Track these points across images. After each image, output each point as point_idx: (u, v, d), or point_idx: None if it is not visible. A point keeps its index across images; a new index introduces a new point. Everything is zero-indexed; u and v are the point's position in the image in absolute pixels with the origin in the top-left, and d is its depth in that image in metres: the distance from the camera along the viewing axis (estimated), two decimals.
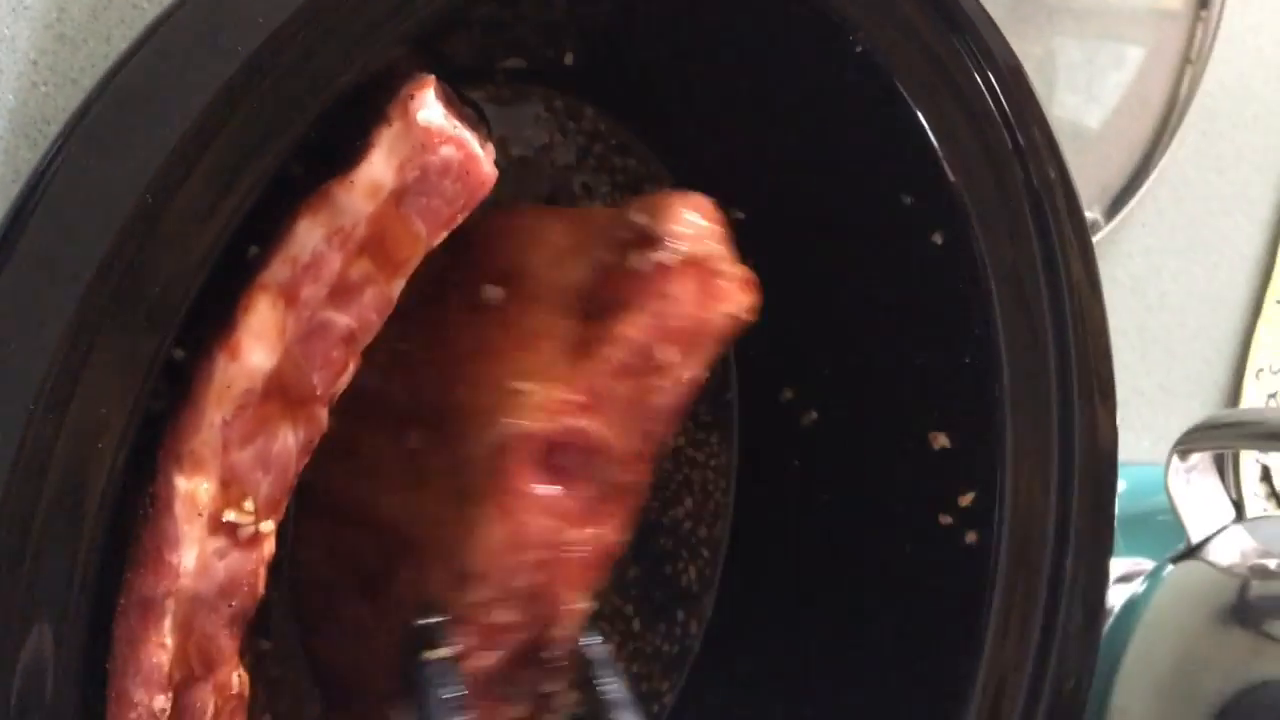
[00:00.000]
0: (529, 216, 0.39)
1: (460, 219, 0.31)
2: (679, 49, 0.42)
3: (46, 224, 0.28)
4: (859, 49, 0.37)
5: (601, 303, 0.35)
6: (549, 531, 0.35)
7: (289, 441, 0.30)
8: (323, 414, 0.31)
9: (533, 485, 0.34)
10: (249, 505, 0.30)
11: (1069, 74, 0.77)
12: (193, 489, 0.29)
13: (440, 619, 0.35)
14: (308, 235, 0.30)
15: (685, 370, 0.36)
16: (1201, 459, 0.62)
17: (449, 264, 0.36)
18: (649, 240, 0.35)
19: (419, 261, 0.31)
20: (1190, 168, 0.79)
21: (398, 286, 0.31)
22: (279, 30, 0.29)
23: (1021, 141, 0.40)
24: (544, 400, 0.34)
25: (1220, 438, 0.61)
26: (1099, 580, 0.44)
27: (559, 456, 0.35)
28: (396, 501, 0.37)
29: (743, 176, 0.46)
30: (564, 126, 0.45)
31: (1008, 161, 0.40)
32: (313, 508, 0.38)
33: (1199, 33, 0.81)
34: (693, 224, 0.35)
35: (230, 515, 0.30)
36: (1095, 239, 0.74)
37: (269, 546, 0.31)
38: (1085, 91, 0.78)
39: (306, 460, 0.31)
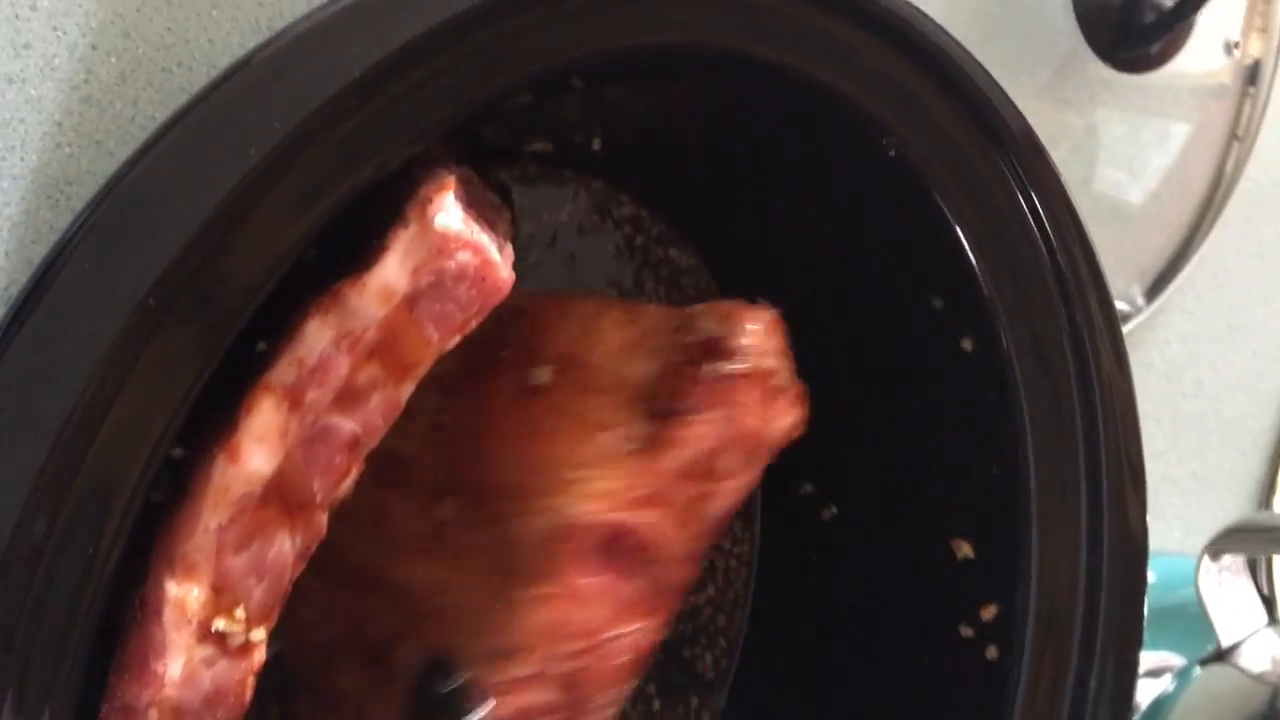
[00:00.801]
0: (582, 304, 0.39)
1: (474, 324, 0.31)
2: (708, 140, 0.41)
3: (51, 315, 0.28)
4: (891, 152, 0.36)
5: (666, 403, 0.36)
6: (597, 621, 0.35)
7: (285, 548, 0.30)
8: (322, 520, 0.30)
9: (589, 574, 0.35)
10: (240, 614, 0.29)
11: (1111, 150, 0.75)
12: (183, 595, 0.28)
13: (459, 684, 0.35)
14: (316, 337, 0.29)
15: (741, 479, 0.37)
16: (1233, 561, 0.60)
17: (496, 340, 0.37)
18: (719, 349, 0.36)
19: (429, 366, 0.31)
20: (1232, 252, 0.77)
21: (406, 391, 0.31)
22: (298, 128, 0.28)
23: (1056, 247, 0.39)
24: (607, 489, 0.35)
25: (1252, 542, 0.59)
26: (1127, 681, 0.42)
27: (616, 548, 0.35)
28: (419, 570, 0.37)
29: (769, 267, 0.45)
30: (593, 209, 0.44)
31: (1040, 267, 0.39)
32: (319, 567, 0.38)
33: (1246, 109, 0.80)
34: (761, 337, 0.36)
35: (220, 624, 0.29)
36: (1133, 324, 0.73)
37: (259, 656, 0.30)
38: (1127, 168, 0.77)
39: (303, 568, 0.30)
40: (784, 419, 0.37)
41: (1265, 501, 0.78)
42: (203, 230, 0.28)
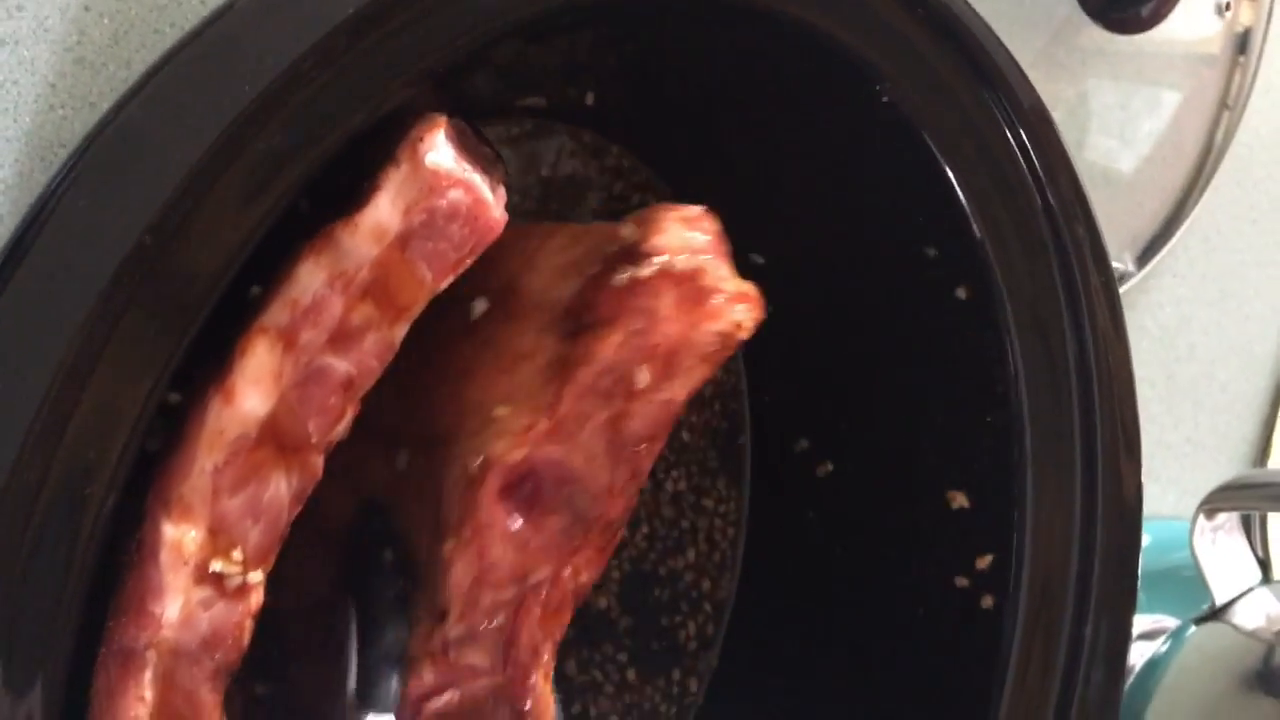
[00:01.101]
0: (530, 231, 0.37)
1: (467, 264, 0.31)
2: (701, 92, 0.41)
3: (46, 257, 0.28)
4: (885, 99, 0.36)
5: (581, 321, 0.33)
6: (517, 567, 0.33)
7: (281, 490, 0.29)
8: (318, 462, 0.30)
9: (500, 517, 0.33)
10: (237, 555, 0.29)
11: (1102, 117, 0.76)
12: (179, 536, 0.28)
13: None
14: (310, 278, 0.29)
15: (665, 393, 0.33)
16: (1228, 519, 0.60)
17: None
18: (633, 254, 0.33)
19: (423, 306, 0.31)
20: (1223, 217, 0.77)
21: (400, 331, 0.30)
22: (289, 69, 0.28)
23: (1051, 198, 0.39)
24: (516, 426, 0.33)
25: (1247, 499, 0.59)
26: (1121, 641, 0.42)
27: (529, 487, 0.33)
28: (395, 520, 0.37)
29: (762, 220, 0.45)
30: (584, 161, 0.44)
31: (1035, 217, 0.39)
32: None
33: (1236, 78, 0.80)
34: (678, 236, 0.33)
35: (217, 565, 0.29)
36: (1125, 287, 0.73)
37: (256, 598, 0.30)
38: (1119, 135, 0.77)
39: (299, 509, 0.30)
40: (714, 323, 0.33)
41: (1259, 464, 0.78)
42: (196, 171, 0.28)
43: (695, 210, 0.34)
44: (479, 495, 0.33)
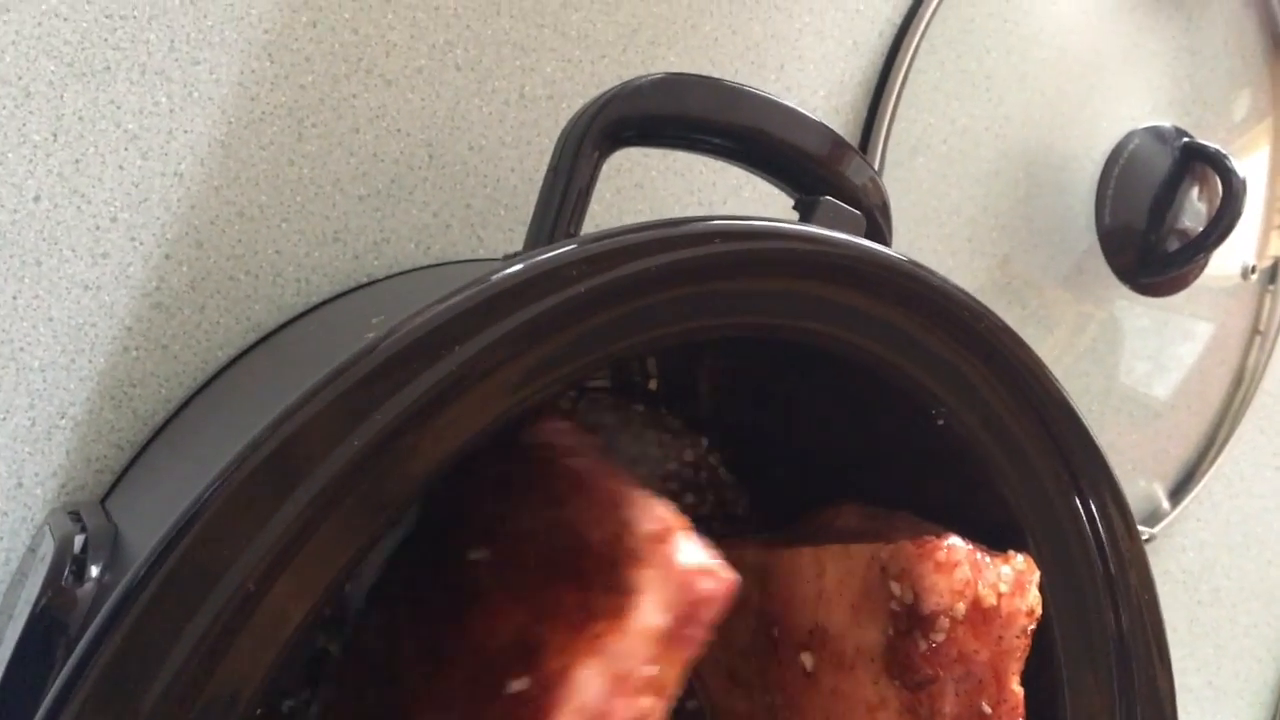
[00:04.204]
0: (805, 561, 0.41)
1: (711, 635, 0.32)
2: (762, 391, 0.44)
3: (166, 598, 0.28)
4: (940, 421, 0.38)
5: (908, 676, 0.37)
6: None
7: None
8: None
9: None
10: None
11: (1135, 340, 0.77)
12: None
13: None
14: (591, 684, 0.30)
15: (1009, 700, 0.37)
16: None
17: (766, 614, 0.41)
18: (917, 618, 0.37)
19: (683, 680, 0.32)
20: (1246, 464, 0.80)
21: (665, 707, 0.32)
22: (427, 393, 0.30)
23: (1095, 513, 0.40)
24: None
25: None
26: None
27: None
28: None
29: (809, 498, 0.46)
30: (641, 434, 0.47)
31: (1082, 534, 0.39)
32: None
33: (1267, 305, 0.81)
34: (944, 588, 0.36)
35: None
36: (1159, 526, 0.74)
37: None
38: (1153, 359, 0.78)
39: None
40: (1010, 629, 0.37)
41: (1278, 711, 0.80)
42: (304, 518, 0.28)
43: (943, 552, 0.37)
44: None
